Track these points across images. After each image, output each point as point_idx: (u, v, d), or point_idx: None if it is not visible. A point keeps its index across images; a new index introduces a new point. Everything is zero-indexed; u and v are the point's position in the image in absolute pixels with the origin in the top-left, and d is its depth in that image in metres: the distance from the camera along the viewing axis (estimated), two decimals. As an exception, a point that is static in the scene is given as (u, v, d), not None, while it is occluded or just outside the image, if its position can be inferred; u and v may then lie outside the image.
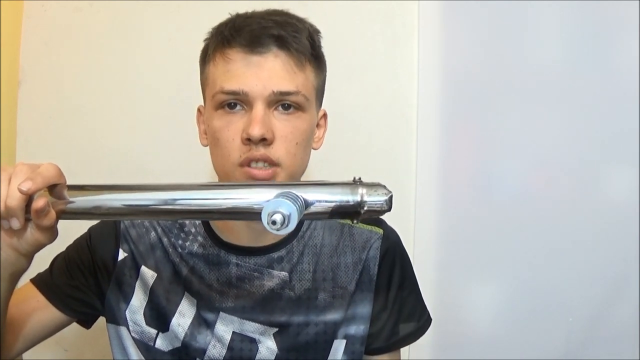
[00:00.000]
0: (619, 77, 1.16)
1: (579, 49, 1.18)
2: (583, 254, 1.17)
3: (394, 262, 0.87)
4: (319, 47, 0.80)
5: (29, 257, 0.68)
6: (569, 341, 1.18)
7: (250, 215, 0.62)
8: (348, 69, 1.19)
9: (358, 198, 0.61)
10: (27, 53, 1.28)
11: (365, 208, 0.60)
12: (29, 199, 0.62)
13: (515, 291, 1.20)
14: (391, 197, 0.61)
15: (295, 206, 0.57)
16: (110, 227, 0.86)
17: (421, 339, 0.89)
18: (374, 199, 0.60)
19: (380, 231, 0.88)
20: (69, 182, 0.66)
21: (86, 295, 0.84)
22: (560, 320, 1.18)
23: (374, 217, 0.63)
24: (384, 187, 0.62)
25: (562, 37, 1.19)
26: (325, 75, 0.83)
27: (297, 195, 0.60)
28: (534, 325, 1.19)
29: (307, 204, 0.60)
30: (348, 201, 0.61)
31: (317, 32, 0.80)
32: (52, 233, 0.66)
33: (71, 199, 0.66)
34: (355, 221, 0.63)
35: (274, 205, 0.56)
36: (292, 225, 0.56)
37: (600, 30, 1.17)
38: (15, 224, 0.63)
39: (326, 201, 0.61)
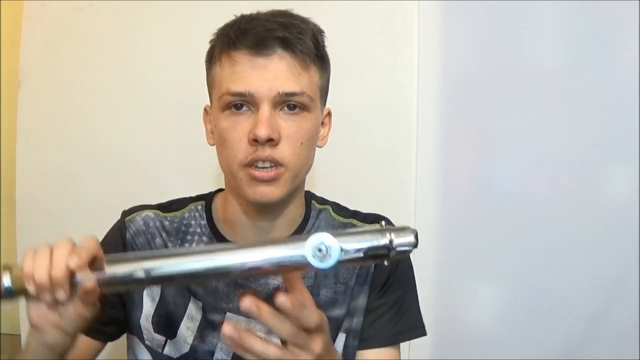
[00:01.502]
0: (619, 78, 1.16)
1: (579, 49, 1.18)
2: (583, 254, 1.17)
3: None
4: (323, 47, 0.81)
5: (73, 335, 0.65)
6: (569, 341, 1.18)
7: (297, 265, 0.62)
8: (348, 68, 1.19)
9: (387, 242, 0.62)
10: (27, 53, 1.28)
11: (396, 250, 0.62)
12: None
13: (515, 291, 1.20)
14: (417, 234, 0.63)
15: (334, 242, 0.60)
16: (117, 236, 0.86)
17: (421, 338, 0.89)
18: (401, 240, 0.62)
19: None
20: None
21: (116, 312, 0.84)
22: (560, 320, 1.18)
23: (404, 255, 0.65)
24: (409, 228, 0.64)
25: (562, 37, 1.19)
26: (329, 74, 0.83)
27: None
28: (534, 325, 1.19)
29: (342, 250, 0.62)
30: (379, 246, 0.63)
31: (321, 32, 0.81)
32: (95, 306, 0.65)
33: (111, 271, 0.63)
34: (385, 262, 0.64)
35: (316, 239, 0.59)
36: (333, 259, 0.59)
37: (600, 31, 1.17)
38: (62, 295, 0.60)
39: (357, 250, 0.62)
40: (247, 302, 0.59)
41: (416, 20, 1.20)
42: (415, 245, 0.63)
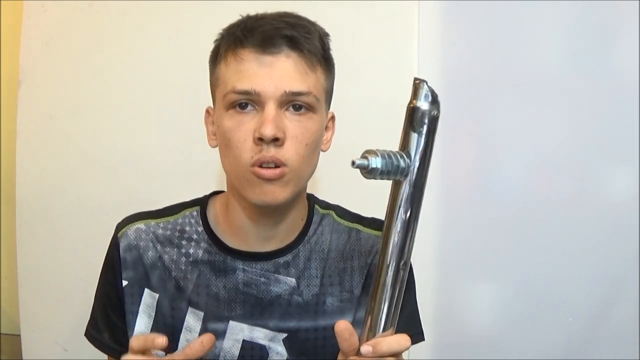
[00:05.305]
0: (619, 77, 1.16)
1: (579, 48, 1.18)
2: (583, 254, 1.17)
3: None
4: (329, 50, 0.80)
5: None
6: (569, 341, 1.18)
7: None
8: (348, 69, 1.19)
9: None
10: (27, 53, 1.28)
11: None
12: None
13: (515, 291, 1.20)
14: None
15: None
16: (114, 253, 0.85)
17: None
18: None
19: None
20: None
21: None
22: (560, 320, 1.18)
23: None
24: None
25: (562, 37, 1.19)
26: (334, 78, 0.83)
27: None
28: (534, 325, 1.19)
29: None
30: None
31: (327, 35, 0.81)
32: None
33: None
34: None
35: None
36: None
37: (600, 30, 1.17)
38: None
39: None
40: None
41: (416, 20, 1.19)
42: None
